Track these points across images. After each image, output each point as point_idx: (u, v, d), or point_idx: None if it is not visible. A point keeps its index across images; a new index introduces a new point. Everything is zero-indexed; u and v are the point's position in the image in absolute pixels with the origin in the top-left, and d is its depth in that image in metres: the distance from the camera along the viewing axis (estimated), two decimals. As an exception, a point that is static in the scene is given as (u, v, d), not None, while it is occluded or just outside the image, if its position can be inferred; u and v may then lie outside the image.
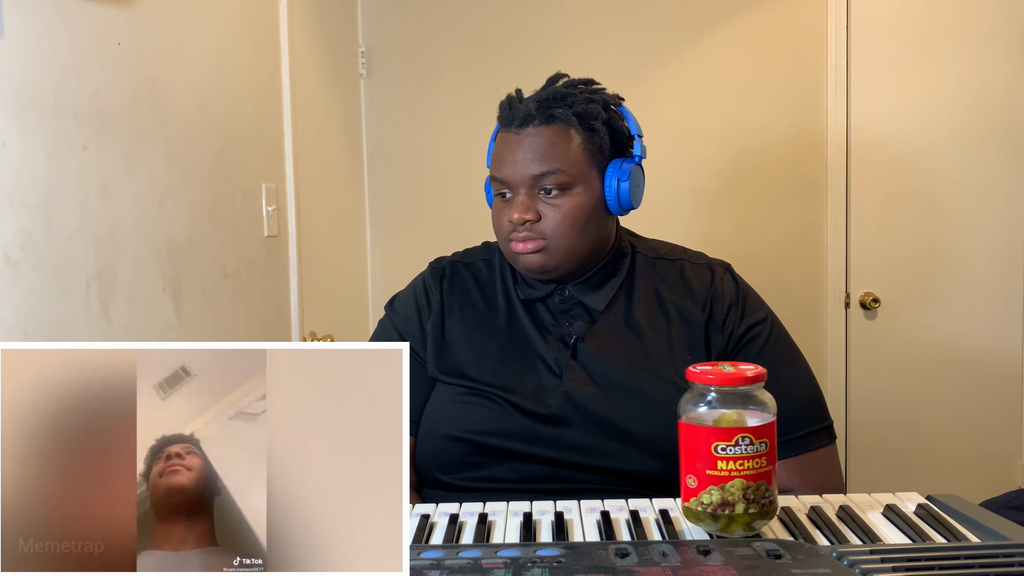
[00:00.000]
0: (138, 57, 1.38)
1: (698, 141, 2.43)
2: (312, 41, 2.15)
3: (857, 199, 2.39)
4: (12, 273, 1.09)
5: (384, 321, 1.20)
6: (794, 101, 2.40)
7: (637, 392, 1.04)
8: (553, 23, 2.45)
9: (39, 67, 1.15)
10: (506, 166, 1.07)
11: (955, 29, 2.32)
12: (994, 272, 2.35)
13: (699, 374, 0.78)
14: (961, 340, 2.37)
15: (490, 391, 1.06)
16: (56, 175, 1.18)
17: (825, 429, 1.08)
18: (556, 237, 1.06)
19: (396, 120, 2.53)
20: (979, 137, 2.33)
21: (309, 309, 2.07)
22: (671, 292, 1.12)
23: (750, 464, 0.75)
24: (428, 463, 1.08)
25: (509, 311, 1.13)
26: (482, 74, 2.45)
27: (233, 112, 1.73)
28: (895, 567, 0.65)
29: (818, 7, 2.37)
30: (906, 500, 0.86)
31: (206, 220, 1.60)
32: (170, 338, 1.47)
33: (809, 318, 2.42)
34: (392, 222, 2.56)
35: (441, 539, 0.80)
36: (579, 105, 1.07)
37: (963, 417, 2.38)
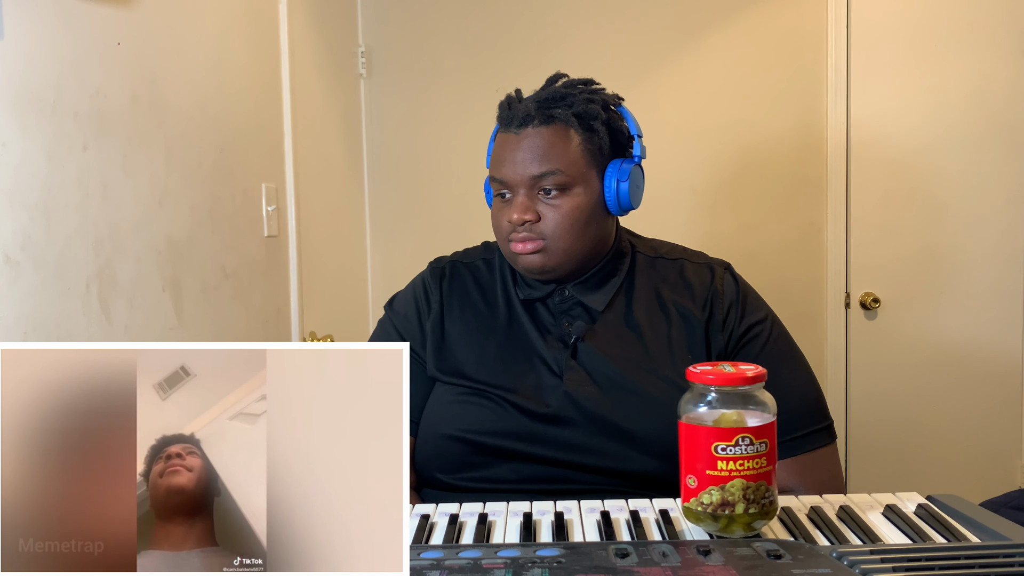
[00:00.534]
0: (138, 57, 1.38)
1: (698, 141, 2.42)
2: (312, 41, 2.15)
3: (857, 199, 2.39)
4: (12, 273, 1.09)
5: (384, 321, 1.20)
6: (794, 101, 2.40)
7: (637, 392, 1.04)
8: (553, 23, 2.45)
9: (39, 67, 1.15)
10: (505, 166, 1.07)
11: (955, 29, 2.32)
12: (994, 272, 2.35)
13: (699, 374, 0.78)
14: (961, 340, 2.37)
15: (490, 391, 1.06)
16: (56, 175, 1.18)
17: (825, 429, 1.08)
18: (556, 237, 1.06)
19: (396, 120, 2.53)
20: (979, 137, 2.33)
21: (309, 309, 2.07)
22: (671, 292, 1.12)
23: (750, 464, 0.75)
24: (428, 463, 1.08)
25: (509, 311, 1.13)
26: (482, 74, 2.45)
27: (233, 112, 1.73)
28: (895, 567, 0.65)
29: (818, 7, 2.37)
30: (906, 500, 0.86)
31: (206, 220, 1.60)
32: (170, 338, 1.46)
33: (809, 318, 2.42)
34: (392, 222, 2.56)
35: (441, 539, 0.80)
36: (579, 105, 1.07)
37: (963, 417, 2.38)
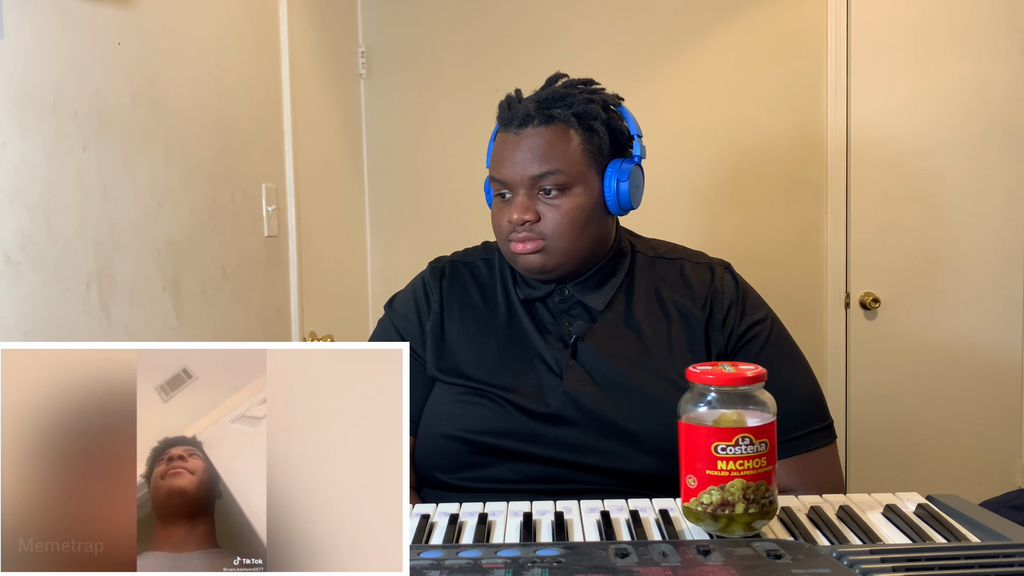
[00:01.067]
0: (138, 57, 1.38)
1: (698, 141, 2.42)
2: (312, 41, 2.15)
3: (857, 199, 2.39)
4: (12, 273, 1.09)
5: (384, 321, 1.20)
6: (794, 101, 2.40)
7: (637, 391, 1.04)
8: (553, 23, 2.45)
9: (39, 67, 1.15)
10: (505, 166, 1.07)
11: (955, 29, 2.32)
12: (994, 272, 2.35)
13: (699, 374, 0.78)
14: (961, 340, 2.37)
15: (490, 391, 1.06)
16: (56, 175, 1.18)
17: (825, 428, 1.08)
18: (555, 237, 1.06)
19: (396, 120, 2.53)
20: (979, 137, 2.33)
21: (309, 309, 2.07)
22: (671, 291, 1.12)
23: (750, 464, 0.75)
24: (428, 463, 1.08)
25: (509, 311, 1.13)
26: (482, 74, 2.45)
27: (233, 112, 1.73)
28: (895, 567, 0.65)
29: (818, 7, 2.37)
30: (906, 500, 0.86)
31: (206, 220, 1.60)
32: (170, 338, 1.46)
33: (809, 318, 2.42)
34: (392, 222, 2.56)
35: (441, 539, 0.80)
36: (578, 105, 1.07)
37: (963, 417, 2.38)
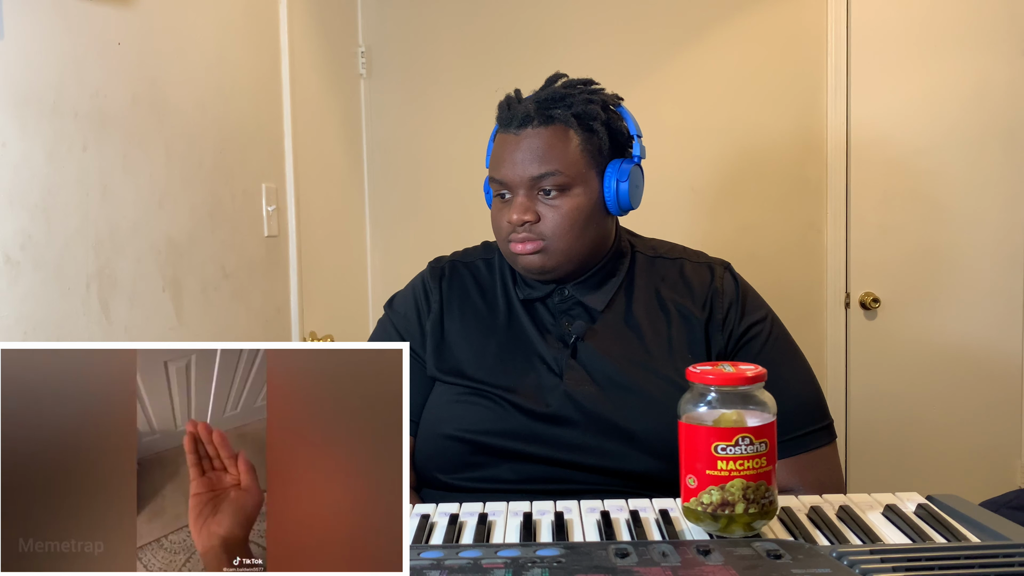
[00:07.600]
0: (138, 57, 1.38)
1: (698, 141, 2.42)
2: (312, 41, 2.15)
3: (857, 199, 2.38)
4: (12, 273, 1.09)
5: (383, 320, 1.20)
6: (794, 101, 2.40)
7: (637, 391, 1.04)
8: (553, 23, 2.45)
9: (39, 67, 1.15)
10: (505, 167, 1.07)
11: (955, 29, 2.32)
12: (994, 272, 2.35)
13: (699, 374, 0.78)
14: (961, 340, 2.37)
15: (490, 391, 1.06)
16: (56, 175, 1.18)
17: (825, 428, 1.08)
18: (555, 238, 1.06)
19: (396, 120, 2.53)
20: (979, 137, 2.33)
21: (309, 309, 2.07)
22: (671, 291, 1.12)
23: (750, 464, 0.75)
24: (428, 463, 1.08)
25: (509, 311, 1.13)
26: (482, 74, 2.44)
27: (233, 112, 1.72)
28: (895, 567, 0.65)
29: (818, 7, 2.37)
30: (906, 500, 0.86)
31: (206, 220, 1.60)
32: (170, 338, 1.46)
33: (809, 318, 2.42)
34: (392, 222, 2.56)
35: (441, 539, 0.80)
36: (578, 106, 1.07)
37: (963, 417, 2.38)
